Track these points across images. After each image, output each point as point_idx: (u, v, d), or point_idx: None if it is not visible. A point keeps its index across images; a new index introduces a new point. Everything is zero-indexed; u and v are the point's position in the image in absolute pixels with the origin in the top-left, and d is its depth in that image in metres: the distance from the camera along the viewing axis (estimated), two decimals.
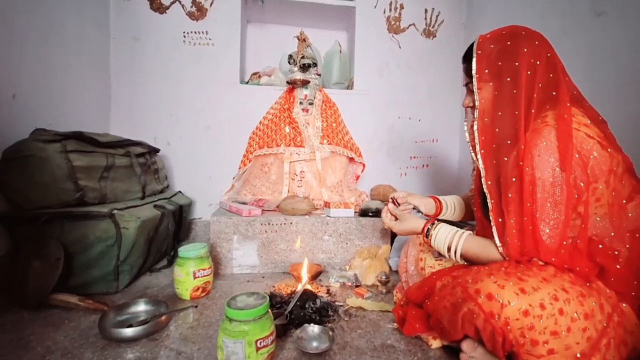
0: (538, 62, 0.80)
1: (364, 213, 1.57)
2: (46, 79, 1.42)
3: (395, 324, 1.01)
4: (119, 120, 1.91)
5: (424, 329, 0.92)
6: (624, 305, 0.75)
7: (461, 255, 0.90)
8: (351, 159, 1.85)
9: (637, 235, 0.75)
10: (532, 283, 0.71)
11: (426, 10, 2.18)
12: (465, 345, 0.81)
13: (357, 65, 2.14)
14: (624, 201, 0.76)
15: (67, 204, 1.18)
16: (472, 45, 0.88)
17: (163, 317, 0.96)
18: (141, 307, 1.03)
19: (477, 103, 0.86)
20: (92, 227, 1.16)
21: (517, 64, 0.80)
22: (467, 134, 0.92)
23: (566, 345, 0.69)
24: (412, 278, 1.13)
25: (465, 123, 0.96)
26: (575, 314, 0.69)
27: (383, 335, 0.96)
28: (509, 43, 0.83)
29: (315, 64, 1.82)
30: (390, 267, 1.43)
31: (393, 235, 1.56)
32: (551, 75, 0.80)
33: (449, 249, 0.91)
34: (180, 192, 1.89)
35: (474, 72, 0.85)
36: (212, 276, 1.23)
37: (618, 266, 0.74)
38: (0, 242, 1.18)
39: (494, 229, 0.83)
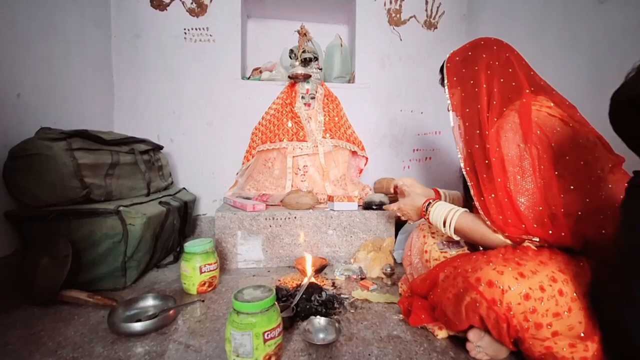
0: (497, 63, 0.92)
1: (367, 206, 1.57)
2: (49, 78, 1.43)
3: (401, 315, 1.02)
4: (122, 118, 1.92)
5: (430, 319, 0.93)
6: None
7: (455, 230, 0.96)
8: (354, 153, 1.85)
9: (617, 205, 0.77)
10: (530, 267, 0.74)
11: (427, 2, 2.16)
12: (472, 335, 0.81)
13: (359, 59, 2.14)
14: (599, 172, 0.80)
15: (74, 202, 1.19)
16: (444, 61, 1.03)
17: (171, 312, 0.97)
18: (149, 302, 1.04)
19: (450, 107, 0.99)
20: (98, 224, 1.17)
21: (476, 68, 0.93)
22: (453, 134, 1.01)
23: (569, 325, 0.70)
24: (416, 270, 1.14)
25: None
26: (575, 294, 0.71)
27: (389, 326, 0.97)
28: (470, 53, 0.96)
29: (316, 58, 1.81)
30: (394, 259, 1.44)
31: (397, 228, 1.56)
32: (510, 70, 0.91)
33: (444, 224, 0.98)
34: (184, 188, 1.90)
35: (445, 81, 0.99)
36: (219, 271, 1.24)
37: (603, 231, 0.76)
38: (9, 241, 1.19)
39: (478, 208, 0.88)
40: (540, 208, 0.80)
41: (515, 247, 0.83)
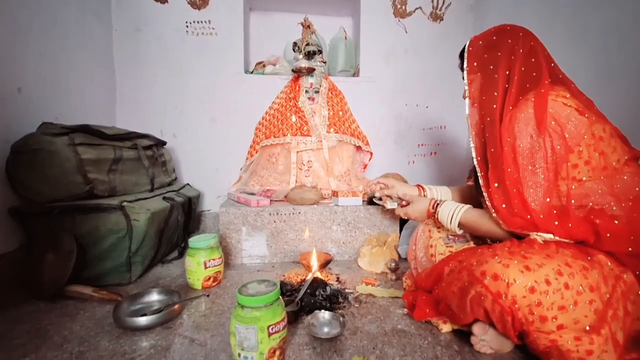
0: (521, 50, 0.88)
1: (372, 201, 1.56)
2: (50, 72, 1.42)
3: (406, 310, 1.02)
4: (125, 113, 1.92)
5: (434, 313, 0.93)
6: (625, 276, 0.75)
7: (460, 224, 0.99)
8: (358, 148, 1.83)
9: (631, 197, 0.78)
10: (535, 260, 0.73)
11: None
12: (477, 329, 0.81)
13: (363, 52, 2.11)
14: (614, 163, 0.80)
15: (78, 197, 1.19)
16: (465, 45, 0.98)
17: (176, 306, 0.97)
18: (154, 297, 1.05)
19: (466, 93, 0.95)
20: (103, 219, 1.17)
21: (499, 53, 0.89)
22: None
23: (575, 319, 0.70)
24: (421, 265, 1.13)
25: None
26: (581, 287, 0.71)
27: (393, 320, 0.97)
28: (494, 38, 0.92)
29: (320, 51, 1.79)
30: (399, 254, 1.43)
31: (402, 223, 1.55)
32: (533, 60, 0.87)
33: (451, 219, 1.01)
34: (188, 184, 1.90)
35: (465, 65, 0.95)
36: (223, 266, 1.24)
37: (616, 222, 0.75)
38: (13, 236, 1.20)
39: (486, 198, 0.87)
40: (548, 199, 0.79)
41: (521, 241, 0.83)
